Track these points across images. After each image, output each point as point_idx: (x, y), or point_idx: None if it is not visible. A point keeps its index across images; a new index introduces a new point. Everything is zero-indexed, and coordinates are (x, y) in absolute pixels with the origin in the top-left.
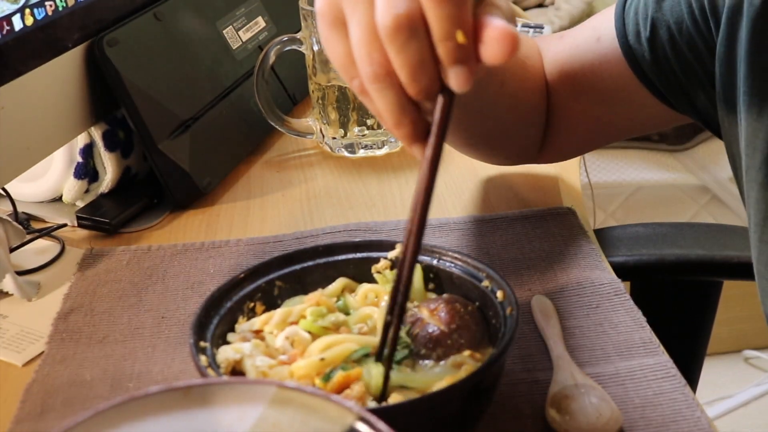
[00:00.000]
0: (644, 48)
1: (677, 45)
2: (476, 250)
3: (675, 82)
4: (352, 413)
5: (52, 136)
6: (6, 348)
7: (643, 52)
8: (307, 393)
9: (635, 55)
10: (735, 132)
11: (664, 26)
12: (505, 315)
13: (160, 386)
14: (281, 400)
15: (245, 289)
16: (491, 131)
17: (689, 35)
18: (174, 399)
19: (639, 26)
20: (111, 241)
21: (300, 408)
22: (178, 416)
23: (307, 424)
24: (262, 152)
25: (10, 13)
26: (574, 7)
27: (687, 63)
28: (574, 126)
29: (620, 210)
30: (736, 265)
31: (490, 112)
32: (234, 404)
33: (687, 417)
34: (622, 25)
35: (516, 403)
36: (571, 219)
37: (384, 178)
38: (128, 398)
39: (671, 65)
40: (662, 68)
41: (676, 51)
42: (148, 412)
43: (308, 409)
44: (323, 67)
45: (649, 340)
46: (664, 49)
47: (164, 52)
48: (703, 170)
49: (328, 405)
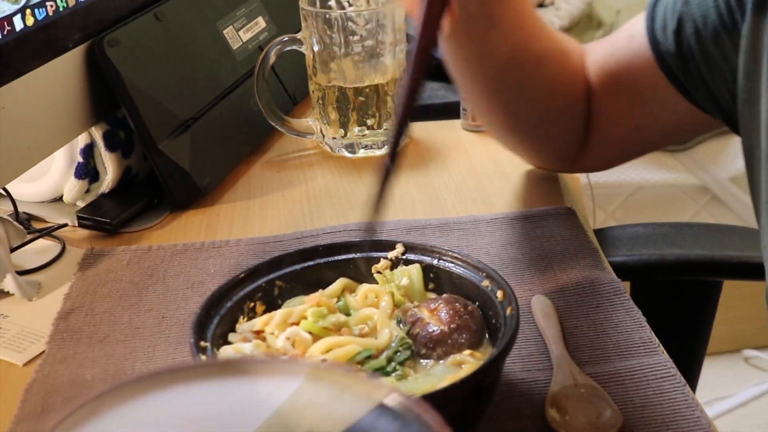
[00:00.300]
0: (670, 41)
1: (702, 39)
2: (476, 250)
3: (699, 78)
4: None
5: (53, 136)
6: (6, 348)
7: (669, 46)
8: (341, 371)
9: (661, 49)
10: (756, 123)
11: (690, 20)
12: (505, 315)
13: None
14: (316, 377)
15: (245, 289)
16: (530, 116)
17: (714, 29)
18: (211, 370)
19: (666, 21)
20: (111, 241)
21: (333, 384)
22: (213, 384)
23: (340, 399)
24: (263, 152)
25: (10, 14)
26: (574, 7)
27: (711, 57)
28: (613, 129)
29: (620, 210)
30: (736, 265)
31: (528, 91)
32: (270, 377)
33: (687, 417)
34: (652, 21)
35: (516, 403)
36: (571, 219)
37: None
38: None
39: (696, 60)
40: (687, 63)
41: (701, 45)
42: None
43: (341, 385)
44: (323, 67)
45: (648, 340)
46: (689, 43)
47: (165, 53)
48: (703, 170)
49: (360, 382)
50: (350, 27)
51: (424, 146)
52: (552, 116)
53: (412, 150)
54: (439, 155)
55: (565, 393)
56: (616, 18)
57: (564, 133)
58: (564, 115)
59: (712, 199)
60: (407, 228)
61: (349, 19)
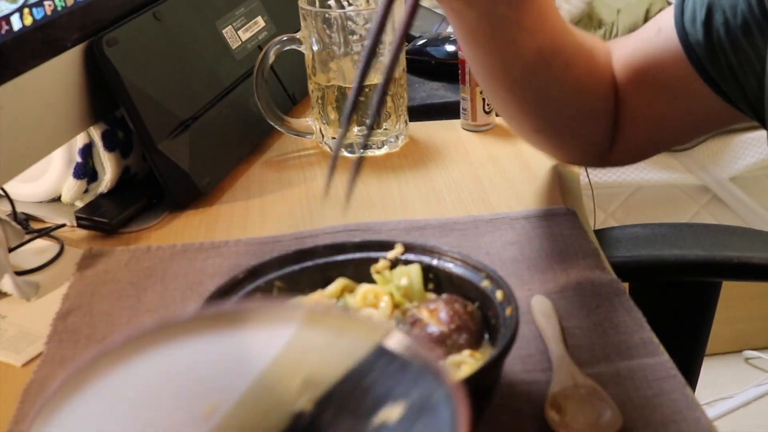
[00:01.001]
0: (699, 32)
1: (731, 29)
2: (476, 250)
3: (728, 69)
4: (380, 330)
5: (51, 136)
6: (5, 348)
7: (698, 37)
8: (336, 313)
9: (690, 41)
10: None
11: (719, 10)
12: (505, 315)
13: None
14: (312, 321)
15: (244, 289)
16: (557, 116)
17: (744, 19)
18: (205, 323)
19: (696, 12)
20: (110, 242)
21: (330, 328)
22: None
23: (337, 343)
24: (262, 152)
25: (8, 13)
26: (574, 7)
27: (740, 48)
28: (641, 123)
29: (620, 210)
30: (736, 266)
31: (555, 92)
32: (265, 326)
33: (687, 417)
34: (681, 13)
35: (516, 403)
36: (571, 219)
37: (384, 178)
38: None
39: (725, 51)
40: (716, 54)
41: (730, 36)
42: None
43: (338, 328)
44: (323, 66)
45: (649, 340)
46: (718, 34)
47: (163, 52)
48: (703, 170)
49: (357, 324)
50: (349, 26)
51: (424, 146)
52: (581, 116)
53: (412, 150)
54: (439, 155)
55: (565, 393)
56: (617, 17)
57: (593, 131)
58: (593, 115)
59: (713, 199)
60: (407, 228)
61: (348, 18)
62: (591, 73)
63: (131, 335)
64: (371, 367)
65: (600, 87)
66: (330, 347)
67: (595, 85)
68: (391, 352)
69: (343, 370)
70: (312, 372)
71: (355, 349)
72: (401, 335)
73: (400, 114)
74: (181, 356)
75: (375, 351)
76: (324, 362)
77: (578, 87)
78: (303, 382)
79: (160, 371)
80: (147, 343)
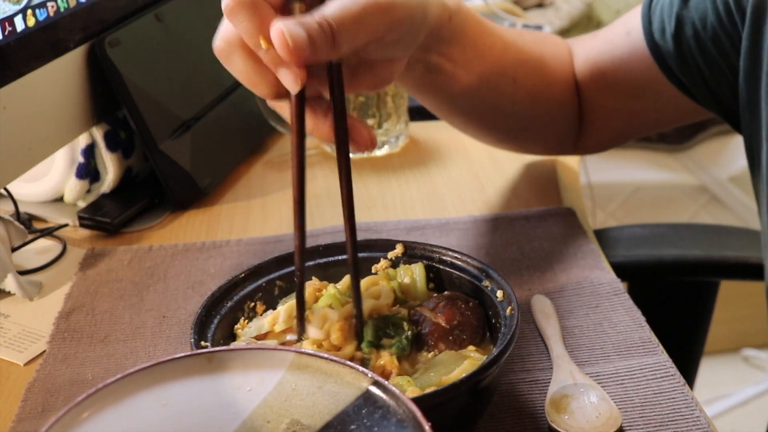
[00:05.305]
0: (669, 44)
1: (702, 40)
2: (476, 250)
3: (699, 77)
4: (366, 377)
5: (54, 137)
6: (8, 347)
7: (668, 48)
8: (324, 359)
9: (660, 51)
10: (756, 126)
11: (689, 22)
12: (505, 315)
13: (184, 352)
14: (299, 366)
15: (246, 289)
16: (516, 126)
17: (714, 31)
18: (197, 364)
19: (664, 23)
20: (112, 241)
21: (317, 373)
22: (201, 380)
23: (323, 388)
24: (263, 152)
25: (12, 14)
26: (574, 8)
27: (711, 58)
28: (607, 119)
29: (620, 210)
30: (734, 266)
31: (509, 107)
32: (255, 369)
33: (686, 416)
34: (648, 22)
35: (516, 402)
36: (571, 219)
37: (384, 178)
38: (155, 363)
39: (696, 60)
40: (687, 63)
41: (700, 46)
42: (172, 377)
43: (325, 374)
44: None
45: (648, 340)
46: (688, 45)
47: (165, 53)
48: (702, 170)
49: (344, 370)
50: None
51: (424, 146)
52: (540, 121)
53: (412, 150)
54: (439, 155)
55: (564, 392)
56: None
57: (556, 129)
58: (552, 116)
59: (711, 199)
60: (407, 228)
61: None
62: (543, 81)
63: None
64: (356, 414)
65: (554, 90)
66: (316, 392)
67: (548, 90)
68: (375, 400)
69: (328, 415)
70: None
71: (340, 394)
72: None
73: (401, 114)
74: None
75: (360, 397)
76: (310, 407)
77: (531, 96)
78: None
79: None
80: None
